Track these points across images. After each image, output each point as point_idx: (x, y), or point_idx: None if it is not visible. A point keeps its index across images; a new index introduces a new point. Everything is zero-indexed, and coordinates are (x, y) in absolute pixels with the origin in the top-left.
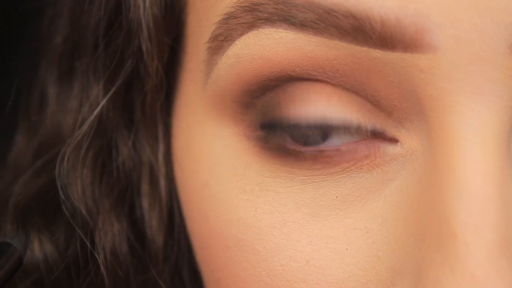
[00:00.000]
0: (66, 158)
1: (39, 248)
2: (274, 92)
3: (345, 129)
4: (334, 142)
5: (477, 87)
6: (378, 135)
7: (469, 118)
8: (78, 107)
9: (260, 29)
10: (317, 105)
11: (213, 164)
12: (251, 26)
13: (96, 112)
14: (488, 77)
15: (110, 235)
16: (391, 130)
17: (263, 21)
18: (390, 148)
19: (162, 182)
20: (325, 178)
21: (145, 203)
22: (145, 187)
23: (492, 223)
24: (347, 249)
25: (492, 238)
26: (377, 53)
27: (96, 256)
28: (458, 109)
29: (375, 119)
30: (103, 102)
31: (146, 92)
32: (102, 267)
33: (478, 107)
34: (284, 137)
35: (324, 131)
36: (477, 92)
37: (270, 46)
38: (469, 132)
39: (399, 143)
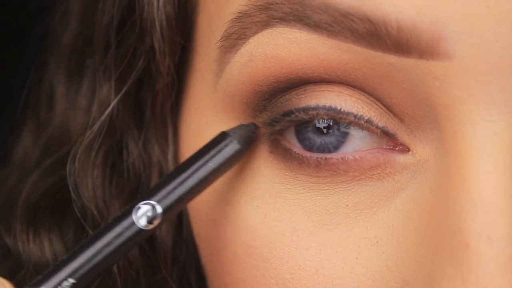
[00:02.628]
0: (76, 157)
1: (49, 248)
2: (284, 93)
3: (356, 119)
4: (345, 150)
5: (492, 97)
6: (389, 140)
7: (482, 128)
8: (87, 106)
9: (274, 28)
10: (327, 98)
11: None
12: (265, 24)
13: (107, 112)
14: (504, 87)
15: None
16: (403, 135)
17: (278, 20)
18: (401, 157)
19: None
20: (334, 186)
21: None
22: None
23: (505, 235)
24: (356, 258)
25: (505, 249)
26: (391, 59)
27: None
28: (472, 119)
29: (386, 119)
30: (114, 102)
31: (157, 91)
32: (114, 267)
33: (492, 117)
34: (291, 140)
35: (334, 119)
36: (492, 102)
37: (283, 45)
38: (482, 142)
39: (410, 152)
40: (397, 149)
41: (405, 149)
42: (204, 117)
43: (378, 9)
